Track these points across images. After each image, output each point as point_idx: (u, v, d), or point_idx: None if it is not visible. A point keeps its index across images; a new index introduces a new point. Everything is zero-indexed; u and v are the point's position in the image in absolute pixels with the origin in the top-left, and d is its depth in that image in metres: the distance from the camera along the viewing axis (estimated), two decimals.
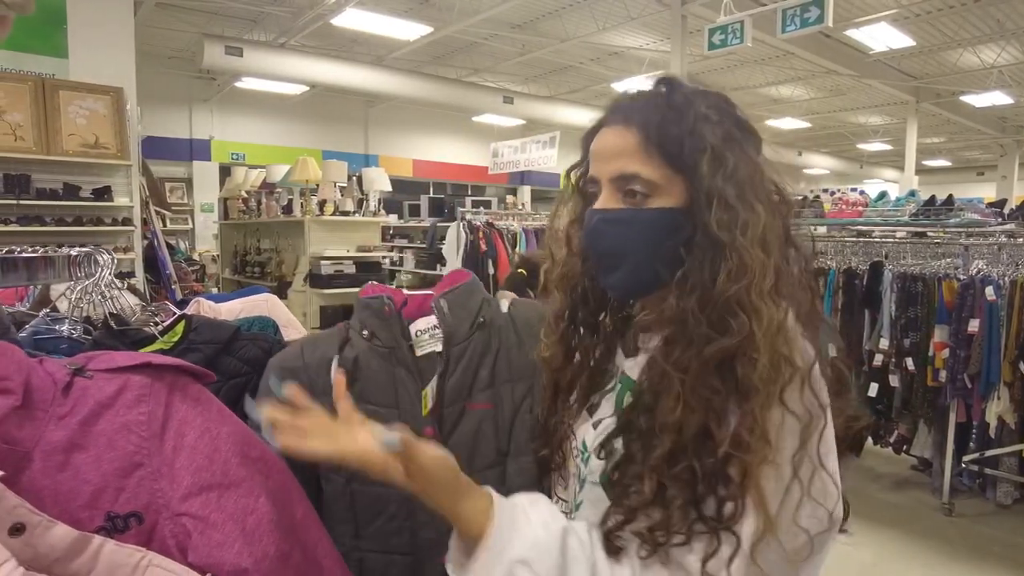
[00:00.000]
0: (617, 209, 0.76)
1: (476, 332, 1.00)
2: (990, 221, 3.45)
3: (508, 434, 0.99)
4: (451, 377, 0.98)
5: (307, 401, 0.70)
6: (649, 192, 0.74)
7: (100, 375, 0.69)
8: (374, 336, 1.00)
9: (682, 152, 0.73)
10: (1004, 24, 8.55)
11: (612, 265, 0.78)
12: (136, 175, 5.62)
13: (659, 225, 0.75)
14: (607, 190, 0.77)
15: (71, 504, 0.65)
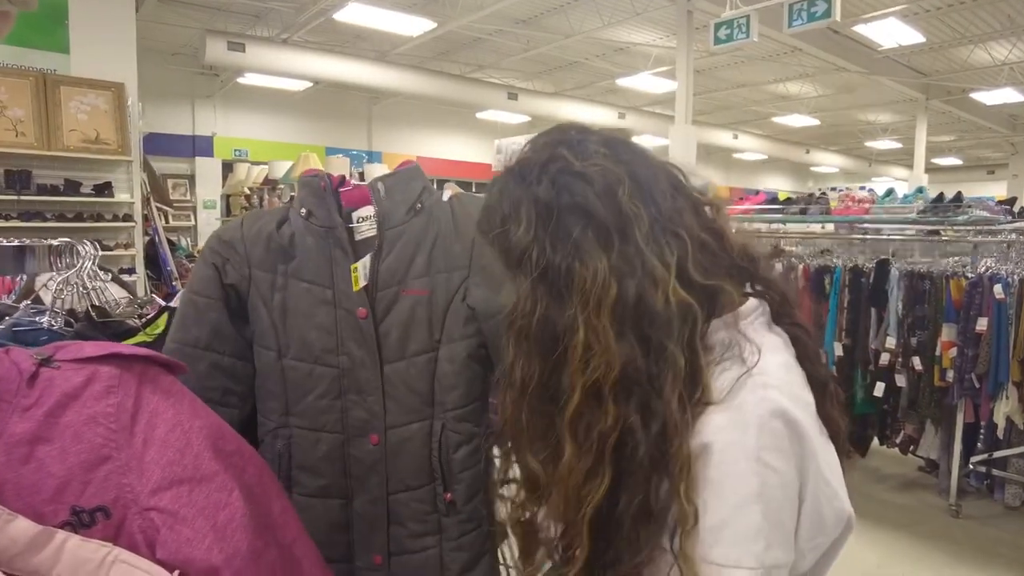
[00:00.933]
0: None
1: (413, 217, 1.01)
2: (999, 218, 3.38)
3: (442, 322, 1.00)
4: (385, 259, 0.99)
5: None
6: None
7: (67, 365, 0.66)
8: (311, 214, 1.00)
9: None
10: (1015, 20, 8.44)
11: None
12: (137, 171, 5.60)
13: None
14: None
15: (34, 498, 0.62)
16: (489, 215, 0.69)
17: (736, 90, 12.35)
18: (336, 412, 0.97)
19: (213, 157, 10.81)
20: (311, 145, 10.74)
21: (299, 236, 1.00)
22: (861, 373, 3.53)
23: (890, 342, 3.29)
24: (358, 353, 0.97)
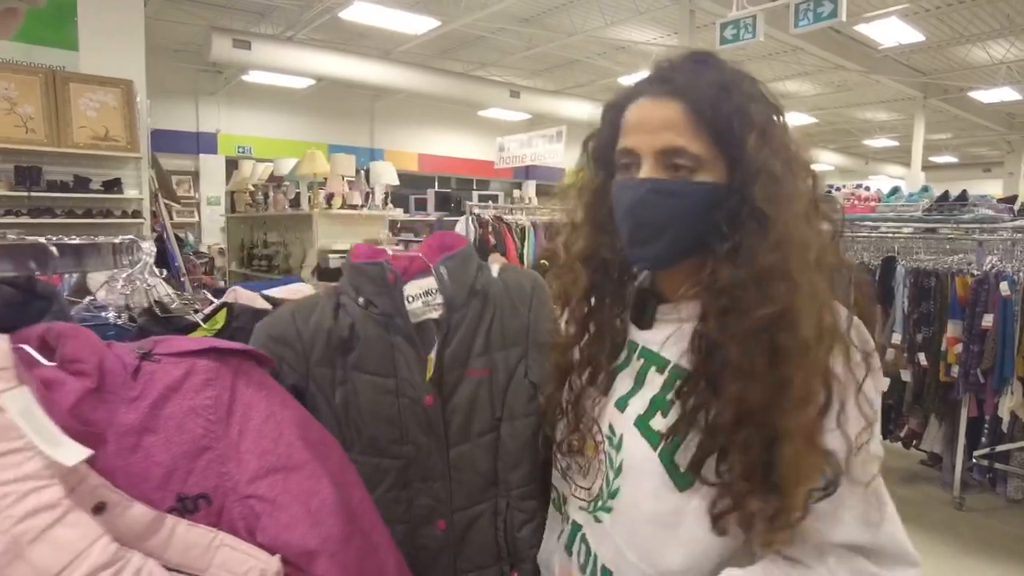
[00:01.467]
0: (668, 180, 0.75)
1: (473, 299, 0.99)
2: (1003, 217, 3.45)
3: (503, 399, 0.99)
4: (450, 345, 0.97)
5: None
6: (695, 167, 0.75)
7: (167, 359, 0.70)
8: (370, 304, 0.96)
9: (730, 130, 0.74)
10: (1014, 19, 8.51)
11: (652, 235, 0.77)
12: (146, 168, 5.63)
13: (705, 199, 0.75)
14: (650, 162, 0.76)
15: (143, 486, 0.66)
16: None
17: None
18: (403, 503, 0.96)
19: (217, 154, 10.83)
20: (314, 142, 10.78)
21: (360, 327, 0.95)
22: None
23: (896, 338, 3.35)
24: (424, 440, 0.95)
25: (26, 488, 0.52)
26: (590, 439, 0.86)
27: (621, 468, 0.81)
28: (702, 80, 0.75)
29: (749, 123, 0.74)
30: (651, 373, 0.81)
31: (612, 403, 0.84)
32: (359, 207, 7.33)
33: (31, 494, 0.52)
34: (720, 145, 0.75)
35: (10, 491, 0.52)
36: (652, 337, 0.83)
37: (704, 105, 0.74)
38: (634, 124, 0.78)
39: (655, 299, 0.85)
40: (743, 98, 0.75)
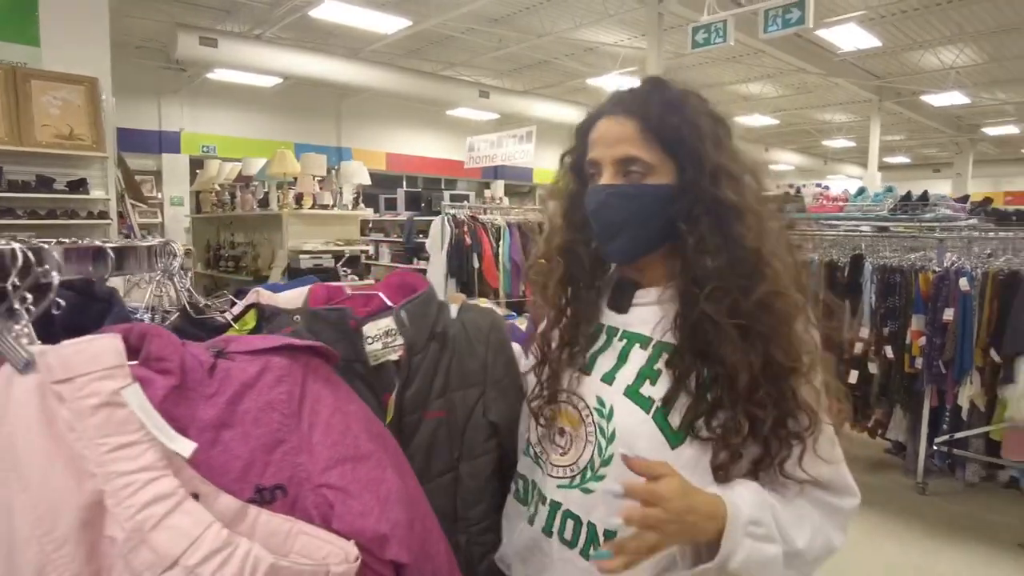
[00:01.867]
0: (622, 184, 0.90)
1: (432, 341, 0.99)
2: (961, 216, 3.63)
3: (461, 439, 0.99)
4: (410, 387, 0.97)
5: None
6: (646, 172, 0.89)
7: (241, 357, 0.73)
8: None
9: (679, 139, 0.87)
10: (963, 27, 8.91)
11: (616, 232, 0.91)
12: (112, 167, 5.51)
13: (657, 198, 0.89)
14: (610, 170, 0.90)
15: (224, 478, 0.69)
16: None
17: (701, 90, 12.62)
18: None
19: (180, 153, 10.60)
20: (279, 141, 10.62)
21: None
22: (835, 362, 3.74)
23: (863, 332, 3.51)
24: None
25: (146, 478, 0.55)
26: (574, 414, 0.94)
27: (614, 435, 0.90)
28: (652, 99, 0.89)
29: (701, 133, 0.87)
30: (635, 350, 0.93)
31: (598, 379, 0.93)
32: (329, 207, 7.29)
33: (150, 484, 0.55)
34: (669, 153, 0.88)
35: (132, 481, 0.55)
36: (630, 320, 0.95)
37: (653, 120, 0.88)
38: (597, 139, 0.93)
39: (632, 287, 0.97)
40: (692, 113, 0.88)
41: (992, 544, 3.08)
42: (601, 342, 0.97)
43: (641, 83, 0.94)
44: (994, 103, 12.99)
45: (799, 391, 0.84)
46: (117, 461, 0.55)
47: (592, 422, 0.92)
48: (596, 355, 0.96)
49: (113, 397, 0.56)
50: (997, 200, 10.65)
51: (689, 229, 0.87)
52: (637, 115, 0.89)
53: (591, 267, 1.00)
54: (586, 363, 0.96)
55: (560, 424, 0.95)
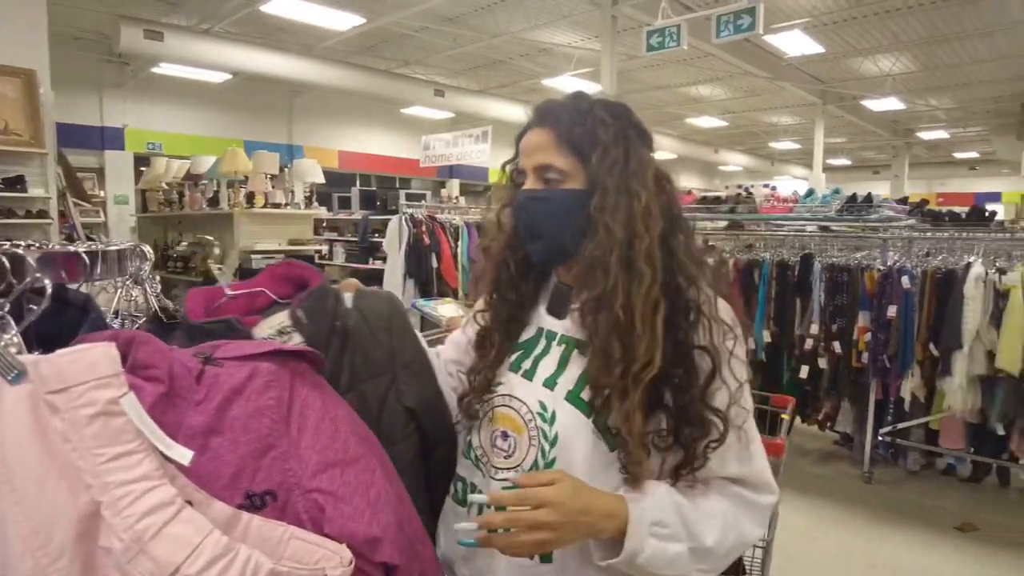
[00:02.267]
0: (537, 189, 0.96)
1: (333, 336, 0.96)
2: (902, 217, 3.81)
3: (377, 428, 0.96)
4: None
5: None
6: (561, 178, 0.95)
7: (229, 363, 0.73)
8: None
9: (584, 147, 0.94)
10: (899, 36, 9.32)
11: (536, 234, 0.97)
12: (52, 164, 5.28)
13: (570, 203, 0.94)
14: (531, 177, 0.97)
15: (213, 485, 0.69)
16: None
17: (652, 92, 12.89)
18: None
19: (124, 150, 10.21)
20: (229, 139, 10.36)
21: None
22: (787, 358, 3.89)
23: (813, 329, 3.65)
24: None
25: (144, 487, 0.55)
26: (517, 418, 0.97)
27: (556, 439, 0.93)
28: (567, 111, 0.96)
29: (594, 143, 0.93)
30: (574, 355, 0.96)
31: (540, 384, 0.97)
32: (282, 206, 7.15)
33: (149, 493, 0.55)
34: (581, 160, 0.94)
35: (130, 490, 0.54)
36: (569, 324, 0.99)
37: (564, 129, 0.95)
38: (522, 149, 1.00)
39: (568, 292, 1.01)
40: (594, 123, 0.94)
41: (932, 528, 3.24)
42: (541, 347, 1.01)
43: (565, 97, 1.01)
44: (927, 109, 13.65)
45: (708, 395, 0.88)
46: (115, 471, 0.54)
47: (535, 426, 0.94)
48: (538, 360, 0.99)
49: (109, 406, 0.55)
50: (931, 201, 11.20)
51: (592, 231, 0.91)
52: (551, 126, 0.96)
53: (522, 269, 1.04)
54: (529, 368, 0.99)
55: (502, 427, 0.98)
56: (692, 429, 0.88)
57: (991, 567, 2.92)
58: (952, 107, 13.70)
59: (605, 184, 0.91)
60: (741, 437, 0.91)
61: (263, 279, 0.99)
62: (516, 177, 1.02)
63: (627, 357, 0.86)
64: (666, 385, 0.88)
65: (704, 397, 0.88)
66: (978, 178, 19.82)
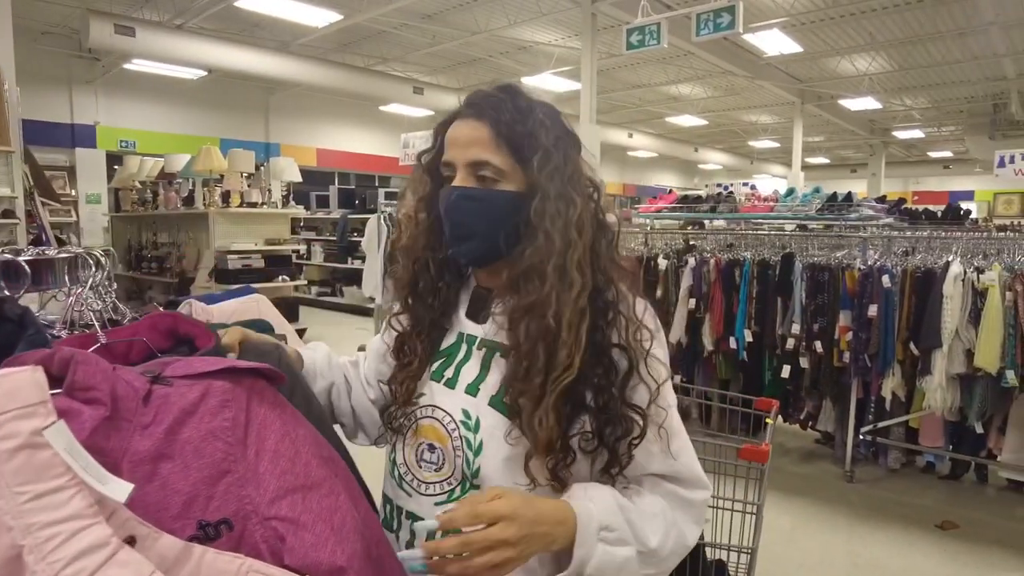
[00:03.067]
0: (473, 187, 0.90)
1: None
2: (881, 216, 3.82)
3: None
4: None
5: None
6: (497, 177, 0.89)
7: (179, 382, 0.67)
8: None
9: (523, 148, 0.89)
10: (875, 37, 9.41)
11: (466, 235, 0.91)
12: (18, 162, 5.13)
13: (505, 204, 0.89)
14: (463, 172, 0.90)
15: (163, 514, 0.63)
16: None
17: (632, 91, 12.92)
18: None
19: (96, 148, 9.98)
20: (204, 136, 10.18)
21: None
22: (769, 358, 3.88)
23: (795, 328, 3.64)
24: None
25: (73, 528, 0.49)
26: (440, 428, 0.93)
27: (481, 447, 0.89)
28: (504, 106, 0.90)
29: (535, 146, 0.88)
30: (496, 359, 0.93)
31: (462, 392, 0.93)
32: (258, 205, 7.03)
33: (79, 534, 0.49)
34: (518, 160, 0.89)
35: (56, 532, 0.48)
36: (489, 329, 0.95)
37: (503, 126, 0.88)
38: (451, 141, 0.92)
39: (487, 295, 0.98)
40: (535, 124, 0.89)
41: (913, 526, 3.25)
42: (463, 353, 0.97)
43: (496, 88, 0.95)
44: (902, 108, 13.83)
45: (627, 392, 0.86)
46: (40, 511, 0.48)
47: (459, 435, 0.91)
48: (460, 366, 0.96)
49: (33, 438, 0.49)
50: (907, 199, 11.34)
51: (524, 235, 0.88)
52: (489, 120, 0.89)
53: (442, 271, 0.99)
54: (451, 377, 0.95)
55: (427, 440, 0.94)
56: (613, 428, 0.85)
57: (972, 565, 2.93)
58: (927, 107, 13.90)
59: (546, 189, 0.87)
60: (662, 434, 0.88)
61: (143, 328, 0.89)
62: (441, 169, 0.95)
63: (549, 364, 0.84)
64: (586, 386, 0.86)
65: (623, 395, 0.86)
66: (952, 177, 20.15)
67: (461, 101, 0.95)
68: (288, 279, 7.09)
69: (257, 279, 6.57)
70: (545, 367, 0.84)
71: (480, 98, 0.92)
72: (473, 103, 0.92)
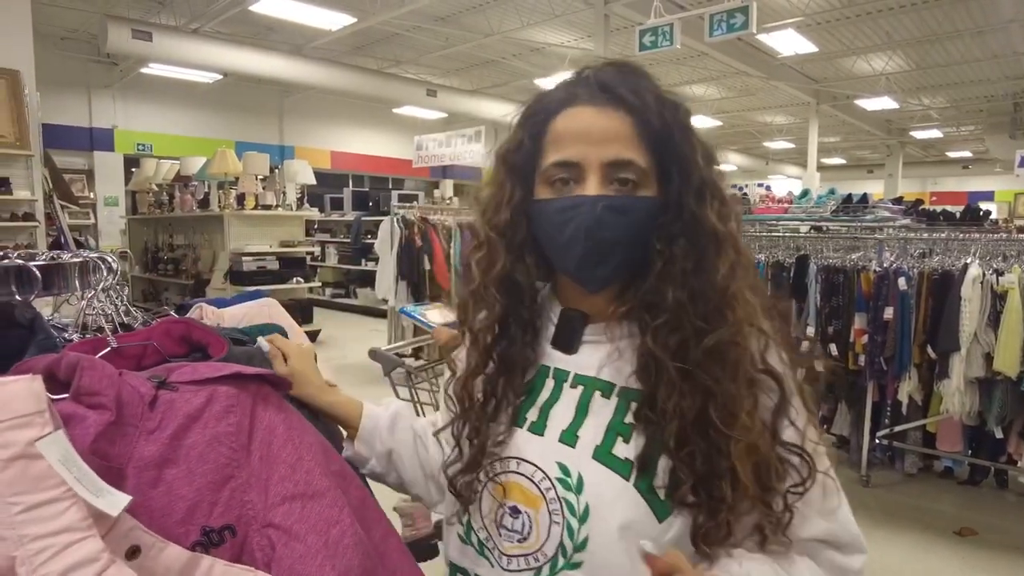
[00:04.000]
0: (618, 196, 0.72)
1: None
2: (898, 217, 3.77)
3: None
4: None
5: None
6: (640, 181, 0.72)
7: (185, 387, 0.67)
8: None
9: (671, 144, 0.72)
10: (892, 36, 9.30)
11: (603, 257, 0.73)
12: (38, 166, 5.21)
13: (649, 214, 0.73)
14: (597, 175, 0.72)
15: (166, 520, 0.63)
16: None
17: None
18: None
19: (114, 151, 10.12)
20: (220, 139, 10.29)
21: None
22: None
23: (809, 331, 3.60)
24: None
25: (65, 541, 0.48)
26: (529, 488, 0.76)
27: (588, 512, 0.72)
28: (643, 91, 0.73)
29: (693, 140, 0.74)
30: (597, 399, 0.76)
31: (555, 440, 0.76)
32: (273, 207, 7.08)
33: (70, 547, 0.49)
34: (657, 159, 0.73)
35: (47, 545, 0.48)
36: (583, 361, 0.78)
37: (651, 117, 0.71)
38: (573, 134, 0.73)
39: (581, 320, 0.80)
40: (683, 114, 0.74)
41: (930, 532, 3.20)
42: (549, 390, 0.79)
43: (618, 68, 0.75)
44: (920, 108, 13.65)
45: (779, 428, 0.71)
46: (32, 522, 0.48)
47: (556, 496, 0.74)
48: (547, 408, 0.78)
49: (28, 449, 0.49)
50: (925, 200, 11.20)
51: (661, 251, 0.72)
52: (631, 108, 0.71)
53: (534, 296, 0.82)
54: (536, 420, 0.78)
55: (510, 501, 0.76)
56: (767, 474, 0.69)
57: (990, 572, 2.89)
58: (945, 106, 13.71)
59: (718, 192, 0.73)
60: (826, 483, 0.73)
61: (156, 333, 0.87)
62: (549, 171, 0.75)
63: (725, 419, 0.68)
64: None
65: (776, 431, 0.70)
66: (971, 177, 19.86)
67: (575, 78, 0.77)
68: (302, 281, 7.14)
69: (272, 281, 6.63)
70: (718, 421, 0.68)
71: (615, 79, 0.73)
72: (607, 85, 0.73)
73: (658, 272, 0.73)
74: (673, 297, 0.71)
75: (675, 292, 0.71)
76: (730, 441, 0.68)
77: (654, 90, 0.74)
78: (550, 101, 0.76)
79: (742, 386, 0.70)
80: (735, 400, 0.69)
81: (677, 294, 0.71)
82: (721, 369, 0.69)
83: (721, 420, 0.68)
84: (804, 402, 0.74)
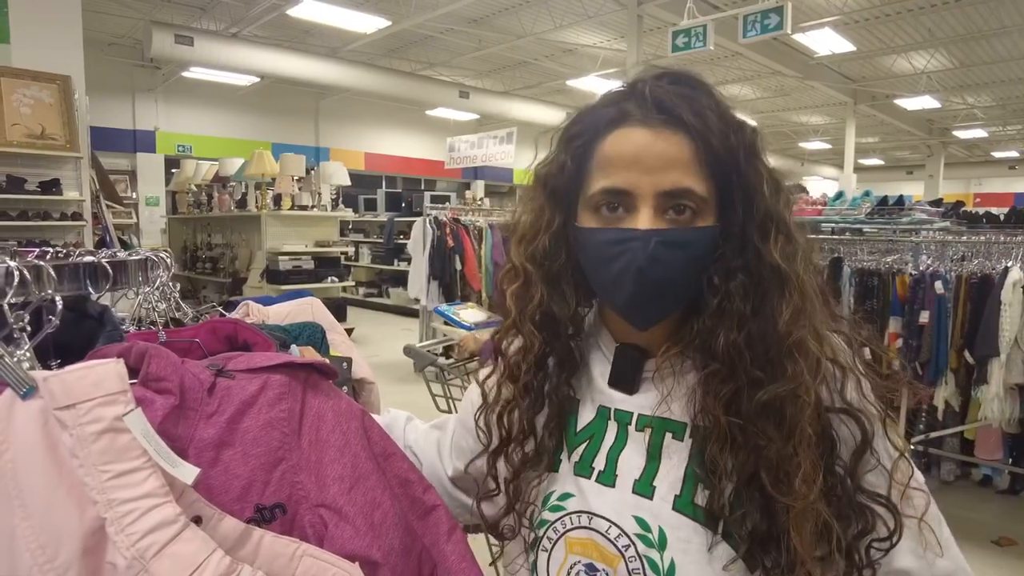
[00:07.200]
0: (676, 229, 0.65)
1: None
2: (935, 220, 3.71)
3: None
4: None
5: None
6: (698, 210, 0.65)
7: (241, 375, 0.72)
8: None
9: (736, 169, 0.65)
10: (934, 33, 9.09)
11: (659, 293, 0.66)
12: (86, 167, 5.42)
13: (708, 247, 0.66)
14: (650, 206, 0.65)
15: (223, 498, 0.68)
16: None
17: None
18: None
19: (155, 153, 10.44)
20: (257, 141, 10.53)
21: None
22: None
23: None
24: None
25: (147, 505, 0.54)
26: (605, 545, 0.70)
27: (673, 569, 0.66)
28: (705, 110, 0.65)
29: (759, 167, 0.67)
30: (669, 443, 0.69)
31: (628, 491, 0.70)
32: (308, 208, 7.24)
33: (152, 511, 0.54)
34: (719, 186, 0.66)
35: (133, 508, 0.54)
36: (644, 401, 0.72)
37: (713, 140, 0.64)
38: (625, 160, 0.66)
39: (638, 356, 0.73)
40: (750, 136, 0.67)
41: (968, 541, 3.14)
42: (612, 435, 0.73)
43: (676, 80, 0.67)
44: (963, 107, 13.29)
45: (859, 474, 0.65)
46: (120, 488, 0.54)
47: (636, 554, 0.67)
48: (613, 455, 0.72)
49: (115, 423, 0.55)
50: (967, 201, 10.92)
51: (718, 286, 0.66)
52: (691, 130, 0.64)
53: (579, 329, 0.76)
54: (604, 469, 0.71)
55: (584, 558, 0.71)
56: (845, 524, 0.63)
57: None
58: (990, 105, 13.32)
59: (785, 226, 0.66)
60: (928, 521, 0.66)
61: (203, 332, 0.90)
62: (594, 197, 0.68)
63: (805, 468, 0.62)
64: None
65: (855, 476, 0.64)
66: (1018, 178, 19.24)
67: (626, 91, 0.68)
68: (337, 280, 7.27)
69: (307, 280, 6.77)
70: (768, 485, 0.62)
71: (673, 96, 0.65)
72: (664, 104, 0.64)
73: (713, 311, 0.66)
74: (727, 341, 0.65)
75: (730, 335, 0.65)
76: (784, 506, 0.62)
77: (717, 108, 0.66)
78: (597, 120, 0.69)
79: (801, 447, 0.62)
80: (789, 462, 0.62)
81: (732, 337, 0.65)
82: (775, 427, 0.63)
83: (772, 484, 0.62)
84: (890, 439, 0.68)
